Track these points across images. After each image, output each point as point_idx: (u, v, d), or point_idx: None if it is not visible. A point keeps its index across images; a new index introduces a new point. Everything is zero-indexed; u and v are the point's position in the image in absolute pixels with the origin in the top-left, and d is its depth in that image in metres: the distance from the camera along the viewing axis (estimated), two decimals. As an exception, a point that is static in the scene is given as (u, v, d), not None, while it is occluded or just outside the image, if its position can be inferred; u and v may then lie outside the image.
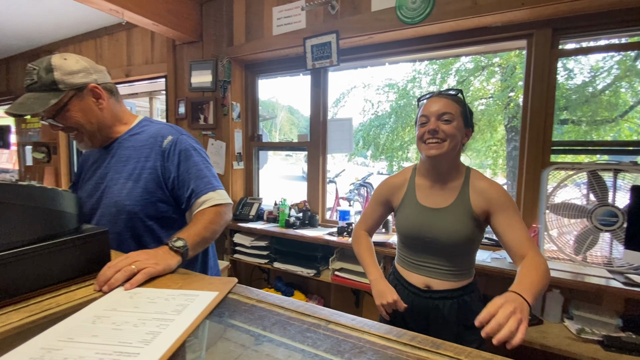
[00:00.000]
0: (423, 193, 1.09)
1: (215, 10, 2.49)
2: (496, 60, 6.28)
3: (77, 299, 0.60)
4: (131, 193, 0.94)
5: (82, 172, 1.08)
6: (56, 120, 0.90)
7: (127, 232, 0.94)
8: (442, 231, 1.02)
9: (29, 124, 3.93)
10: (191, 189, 0.96)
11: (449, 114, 0.98)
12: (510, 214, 0.96)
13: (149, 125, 1.05)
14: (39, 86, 0.86)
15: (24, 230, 0.58)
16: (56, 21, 3.05)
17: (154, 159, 0.97)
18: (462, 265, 1.05)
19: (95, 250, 0.69)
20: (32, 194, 0.59)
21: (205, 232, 0.89)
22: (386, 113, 7.90)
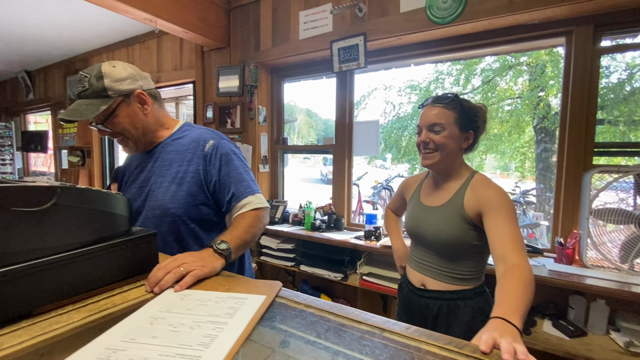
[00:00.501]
0: (426, 192, 1.14)
1: (242, 16, 2.54)
2: (524, 59, 6.08)
3: (131, 299, 0.61)
4: (175, 196, 0.96)
5: (125, 176, 1.11)
6: (105, 125, 0.93)
7: (170, 235, 0.96)
8: (429, 228, 1.04)
9: (65, 129, 4.14)
10: (232, 193, 0.97)
11: (439, 125, 1.00)
12: (499, 214, 0.89)
13: (191, 129, 1.07)
14: (90, 93, 0.90)
15: (82, 232, 0.60)
16: (91, 31, 3.20)
17: (196, 162, 0.99)
18: (458, 268, 1.02)
19: (145, 252, 0.70)
20: (89, 196, 0.61)
21: (246, 235, 0.90)
22: (408, 115, 7.79)
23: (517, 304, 0.67)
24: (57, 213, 0.56)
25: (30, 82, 4.60)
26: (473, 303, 1.00)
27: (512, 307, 0.65)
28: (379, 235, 1.99)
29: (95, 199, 0.62)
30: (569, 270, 1.54)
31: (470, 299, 1.01)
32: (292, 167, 14.95)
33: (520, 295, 0.69)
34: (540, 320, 1.58)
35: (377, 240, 1.97)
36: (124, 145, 1.01)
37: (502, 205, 0.90)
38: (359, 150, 2.33)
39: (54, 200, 0.55)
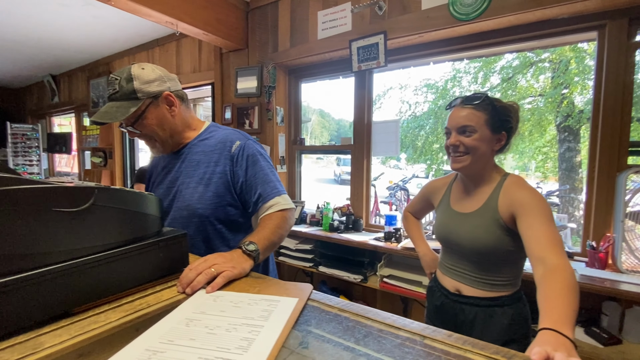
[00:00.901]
0: (456, 197, 1.10)
1: (260, 17, 2.55)
2: (546, 55, 5.89)
3: (164, 299, 0.61)
4: (202, 197, 0.96)
5: (152, 177, 1.13)
6: (134, 127, 0.95)
7: (198, 235, 0.97)
8: (464, 236, 1.00)
9: (88, 131, 4.26)
10: (258, 193, 0.97)
11: (469, 127, 0.96)
12: (533, 214, 0.84)
13: (217, 130, 1.08)
14: (120, 95, 0.91)
15: (117, 232, 0.61)
16: (114, 35, 3.29)
17: (223, 163, 0.99)
18: (494, 275, 0.98)
19: (176, 252, 0.70)
20: (123, 197, 0.62)
21: (274, 236, 0.90)
22: (424, 114, 7.68)
23: (566, 312, 0.61)
24: (94, 213, 0.56)
25: (55, 86, 4.77)
26: (511, 309, 0.97)
27: (561, 316, 0.60)
28: (399, 237, 1.96)
29: (128, 199, 0.63)
30: (602, 275, 1.47)
31: (508, 305, 0.97)
32: (305, 167, 14.95)
33: (567, 301, 0.64)
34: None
35: (398, 242, 1.94)
36: (152, 147, 1.02)
37: (536, 205, 0.86)
38: (377, 150, 2.30)
39: (92, 201, 0.56)
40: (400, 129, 2.25)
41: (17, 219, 0.47)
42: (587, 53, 5.12)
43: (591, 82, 1.66)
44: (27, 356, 0.44)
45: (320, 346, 0.48)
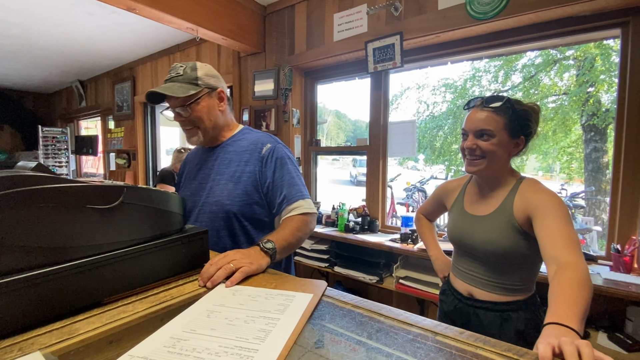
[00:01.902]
0: (470, 200, 1.09)
1: (277, 21, 2.60)
2: (570, 52, 5.69)
3: (186, 292, 0.64)
4: (231, 194, 1.02)
5: (185, 172, 1.21)
6: (185, 108, 1.01)
7: (224, 230, 1.02)
8: (478, 239, 0.98)
9: (113, 133, 4.45)
10: (283, 195, 1.01)
11: (487, 131, 0.94)
12: (549, 215, 0.82)
13: (250, 133, 1.14)
14: (183, 79, 1.00)
15: (144, 228, 0.65)
16: (137, 41, 3.42)
17: (253, 163, 1.04)
18: (508, 279, 0.96)
19: (197, 249, 0.74)
20: (150, 195, 0.66)
21: (292, 238, 0.93)
22: (443, 114, 7.56)
23: (572, 306, 0.59)
24: (123, 210, 0.60)
25: (83, 91, 5.00)
26: (526, 314, 0.95)
27: (566, 310, 0.58)
28: (415, 239, 1.95)
29: (154, 197, 0.67)
30: (627, 280, 1.42)
31: (523, 309, 0.95)
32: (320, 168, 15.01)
33: (574, 295, 0.61)
34: (594, 332, 1.46)
35: (414, 243, 1.93)
36: (192, 135, 1.07)
37: (552, 206, 0.84)
38: (394, 151, 2.30)
39: (122, 199, 0.60)
40: (417, 130, 2.24)
41: (55, 215, 0.52)
42: (613, 50, 4.91)
43: (617, 80, 1.61)
44: (64, 340, 0.48)
45: (333, 339, 0.50)
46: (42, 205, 0.50)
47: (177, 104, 1.01)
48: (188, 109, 1.01)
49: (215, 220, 1.01)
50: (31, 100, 5.95)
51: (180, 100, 1.00)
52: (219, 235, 1.01)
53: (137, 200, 0.63)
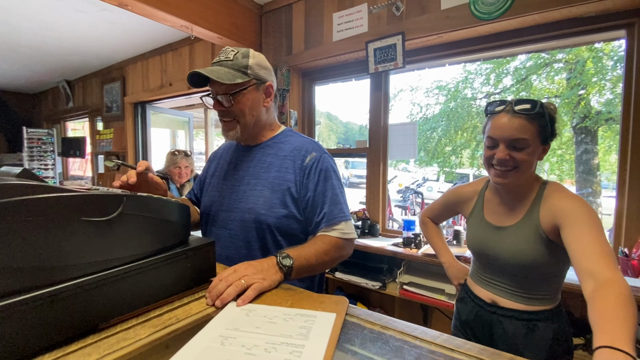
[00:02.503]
0: (490, 209, 1.02)
1: (274, 20, 2.53)
2: (561, 56, 5.77)
3: (193, 313, 0.58)
4: (267, 203, 0.91)
5: (212, 169, 1.10)
6: (226, 98, 0.90)
7: (256, 242, 0.92)
8: (504, 252, 0.93)
9: (102, 135, 4.31)
10: (324, 213, 0.90)
11: (523, 140, 0.85)
12: (580, 224, 0.77)
13: (293, 136, 1.03)
14: (232, 64, 0.89)
15: (145, 241, 0.58)
16: (128, 40, 3.32)
17: (294, 172, 0.93)
18: (535, 289, 0.92)
19: (204, 262, 0.67)
20: (151, 204, 0.59)
21: (315, 260, 0.82)
22: (435, 116, 7.59)
23: (623, 328, 0.55)
24: (122, 222, 0.54)
25: (70, 91, 4.84)
26: (553, 324, 0.91)
27: (618, 331, 0.54)
28: (419, 243, 1.90)
29: (157, 206, 0.60)
30: (636, 284, 1.39)
31: (551, 319, 0.91)
32: (314, 170, 14.86)
33: (624, 315, 0.57)
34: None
35: (418, 247, 1.89)
36: (230, 129, 0.95)
37: (582, 214, 0.79)
38: (394, 153, 2.25)
39: (120, 209, 0.53)
40: (417, 132, 2.20)
41: (45, 230, 0.45)
42: (604, 53, 5.00)
43: (622, 82, 1.59)
44: (56, 378, 0.41)
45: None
46: (29, 218, 0.43)
47: (221, 91, 0.90)
48: (231, 99, 0.89)
49: (247, 230, 0.91)
50: (15, 101, 5.74)
51: (224, 87, 0.89)
52: (249, 247, 0.92)
53: (138, 211, 0.56)
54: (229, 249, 0.94)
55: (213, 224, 0.99)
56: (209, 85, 0.92)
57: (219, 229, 0.97)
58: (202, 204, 1.06)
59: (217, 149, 1.15)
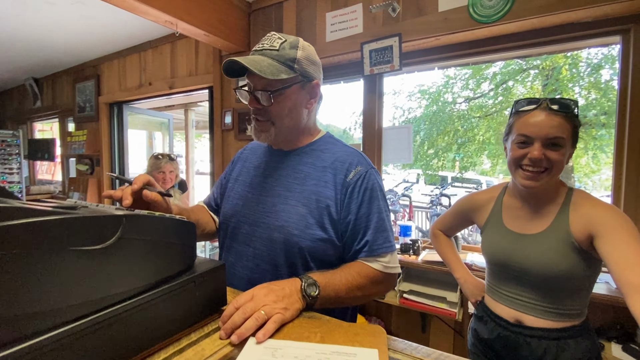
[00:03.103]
0: (511, 215, 0.95)
1: (263, 19, 2.43)
2: (537, 62, 5.99)
3: (207, 356, 0.48)
4: (301, 222, 0.77)
5: (236, 171, 0.95)
6: (265, 95, 0.77)
7: (285, 267, 0.78)
8: (532, 262, 0.86)
9: (74, 137, 4.03)
10: (366, 241, 0.76)
11: (561, 139, 0.80)
12: (619, 234, 0.74)
13: (334, 144, 0.88)
14: (277, 55, 0.75)
15: (148, 271, 0.47)
16: (103, 36, 3.11)
17: (334, 189, 0.79)
18: (564, 304, 0.86)
19: (214, 290, 0.58)
20: (155, 225, 0.49)
21: (345, 293, 0.71)
22: (416, 119, 7.69)
23: None
24: (121, 250, 0.43)
25: (37, 89, 4.51)
26: (584, 341, 0.86)
27: None
28: (417, 249, 1.85)
29: (160, 227, 0.50)
30: None
31: (580, 336, 0.86)
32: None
33: None
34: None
35: (416, 254, 1.84)
36: (262, 130, 0.81)
37: (620, 224, 0.75)
38: (389, 157, 2.21)
39: (119, 234, 0.42)
40: (412, 136, 2.17)
41: (21, 267, 0.34)
42: (579, 59, 5.22)
43: (617, 87, 1.61)
44: None
45: None
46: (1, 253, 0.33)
47: (260, 86, 0.77)
48: (271, 97, 0.76)
49: (275, 251, 0.78)
50: (-25, 99, 5.31)
51: (264, 82, 0.75)
52: (276, 271, 0.78)
53: (138, 234, 0.46)
54: (252, 271, 0.80)
55: (234, 238, 0.85)
56: (247, 76, 0.78)
57: (241, 245, 0.83)
58: (222, 212, 0.91)
59: (243, 149, 1.01)
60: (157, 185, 0.69)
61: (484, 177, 9.70)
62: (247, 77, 0.79)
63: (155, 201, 0.66)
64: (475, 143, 7.34)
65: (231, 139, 2.64)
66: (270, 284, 0.62)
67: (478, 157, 7.61)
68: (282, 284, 0.63)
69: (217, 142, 2.71)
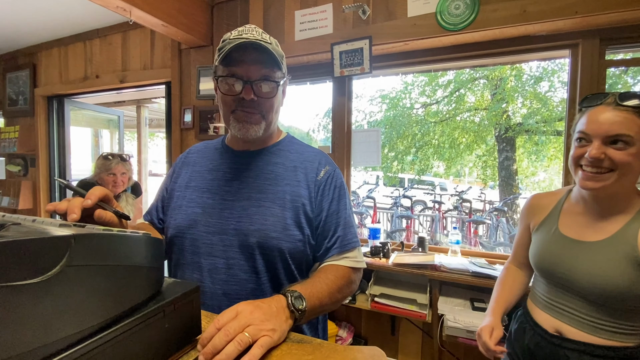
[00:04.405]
0: (568, 219, 0.87)
1: (228, 13, 2.31)
2: (485, 73, 6.43)
3: (182, 403, 0.39)
4: (280, 223, 0.73)
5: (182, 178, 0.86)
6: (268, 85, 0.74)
7: (265, 274, 0.73)
8: (583, 272, 0.78)
9: (3, 133, 3.54)
10: (337, 237, 0.77)
11: (626, 137, 0.72)
12: None
13: (298, 144, 0.88)
14: (273, 49, 0.72)
15: (104, 304, 0.38)
16: (40, 21, 2.76)
17: (307, 187, 0.78)
18: (618, 322, 0.76)
19: (187, 317, 0.49)
20: (113, 245, 0.39)
21: (329, 300, 0.68)
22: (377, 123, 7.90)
23: None
24: (68, 281, 0.34)
25: (-44, 78, 3.90)
26: None
27: None
28: (387, 252, 1.85)
29: (121, 248, 0.40)
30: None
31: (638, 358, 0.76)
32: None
33: None
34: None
35: (386, 257, 1.83)
36: (254, 123, 0.76)
37: None
38: (358, 160, 2.19)
39: (65, 261, 0.33)
40: (381, 138, 2.18)
41: None
42: (522, 72, 5.70)
43: (567, 97, 1.74)
44: None
45: None
46: None
47: (259, 75, 0.72)
48: (276, 87, 0.75)
49: (253, 258, 0.72)
50: None
51: (265, 72, 0.73)
52: (258, 281, 0.73)
53: (92, 259, 0.36)
54: (228, 283, 0.73)
55: (194, 251, 0.76)
56: (239, 65, 0.72)
57: (207, 258, 0.74)
58: (172, 225, 0.81)
59: (187, 153, 0.93)
60: (115, 202, 0.57)
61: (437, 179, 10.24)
62: (238, 66, 0.72)
63: (110, 224, 0.54)
64: (432, 147, 7.71)
65: (191, 139, 2.46)
66: (256, 300, 0.55)
67: (434, 160, 8.00)
68: (269, 301, 0.57)
69: (176, 141, 2.52)
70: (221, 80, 0.74)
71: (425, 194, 7.44)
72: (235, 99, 0.74)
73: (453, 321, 1.54)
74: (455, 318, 1.55)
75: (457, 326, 1.52)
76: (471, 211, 4.84)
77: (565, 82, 5.66)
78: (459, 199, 5.45)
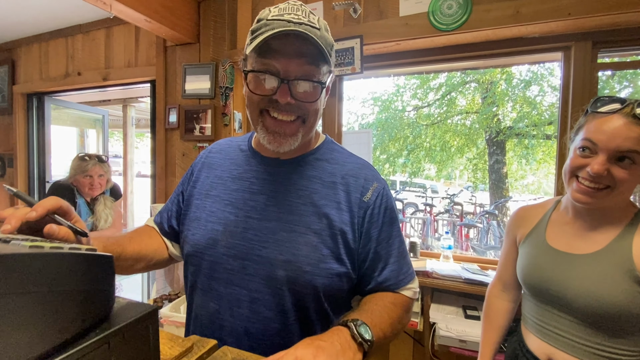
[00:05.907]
0: (556, 230, 0.81)
1: (215, 10, 2.24)
2: (476, 76, 6.47)
3: None
4: (314, 255, 0.60)
5: (202, 183, 0.72)
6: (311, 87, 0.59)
7: (293, 313, 0.61)
8: (575, 289, 0.72)
9: (-21, 132, 3.39)
10: (391, 271, 0.64)
11: (635, 153, 0.66)
12: None
13: (339, 152, 0.71)
14: (321, 37, 0.56)
15: (26, 340, 0.31)
16: (19, 16, 2.65)
17: (350, 211, 0.63)
18: (615, 346, 0.70)
19: (142, 347, 0.42)
20: (44, 267, 0.32)
21: (391, 331, 0.58)
22: (369, 125, 7.89)
23: None
24: (-28, 314, 0.27)
25: None
26: None
27: None
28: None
29: (54, 269, 0.33)
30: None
31: None
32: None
33: None
34: None
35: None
36: (288, 135, 0.61)
37: None
38: (348, 162, 2.14)
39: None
40: (372, 140, 2.13)
41: None
42: (513, 76, 5.75)
43: (559, 100, 1.72)
44: None
45: None
46: None
47: (300, 72, 0.57)
48: (320, 90, 0.60)
49: (280, 294, 0.60)
50: None
51: (308, 68, 0.57)
52: (285, 321, 0.61)
53: (15, 285, 0.29)
54: (250, 320, 0.61)
55: (212, 276, 0.64)
56: (276, 57, 0.57)
57: (227, 287, 0.63)
58: (189, 240, 0.68)
59: (208, 151, 0.78)
60: (74, 214, 0.49)
61: (429, 182, 10.29)
62: (274, 59, 0.57)
63: (66, 241, 0.46)
64: (423, 149, 7.74)
65: (176, 139, 2.38)
66: (314, 339, 0.47)
67: (425, 163, 8.03)
68: (329, 336, 0.48)
69: (160, 142, 2.43)
70: (251, 75, 0.60)
71: (416, 197, 7.45)
72: (267, 98, 0.59)
73: (445, 330, 1.49)
74: (447, 326, 1.50)
75: (450, 335, 1.47)
76: (462, 214, 4.84)
77: (555, 87, 5.72)
78: (450, 201, 5.46)
